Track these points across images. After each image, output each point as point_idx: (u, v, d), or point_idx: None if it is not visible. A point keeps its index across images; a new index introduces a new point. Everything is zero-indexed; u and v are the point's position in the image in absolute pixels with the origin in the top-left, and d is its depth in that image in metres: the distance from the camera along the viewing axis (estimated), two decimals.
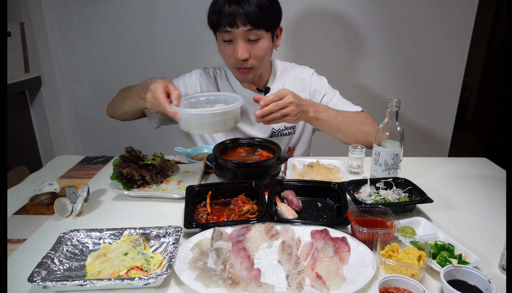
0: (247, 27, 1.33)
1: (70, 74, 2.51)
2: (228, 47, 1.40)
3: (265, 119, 1.27)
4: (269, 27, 1.39)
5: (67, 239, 0.94)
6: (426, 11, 2.31)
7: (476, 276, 0.79)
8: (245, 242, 0.95)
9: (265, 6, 1.33)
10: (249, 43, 1.38)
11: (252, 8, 1.30)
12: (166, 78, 1.27)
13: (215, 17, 1.36)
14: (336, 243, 0.93)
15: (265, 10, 1.33)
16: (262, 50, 1.41)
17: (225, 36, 1.37)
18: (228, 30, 1.34)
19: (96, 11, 2.34)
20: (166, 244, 0.95)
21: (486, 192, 1.31)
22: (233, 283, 0.81)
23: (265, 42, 1.40)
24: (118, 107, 1.53)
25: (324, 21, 2.34)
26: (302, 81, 1.64)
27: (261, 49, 1.40)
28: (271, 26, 1.40)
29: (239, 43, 1.36)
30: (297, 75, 1.65)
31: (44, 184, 1.27)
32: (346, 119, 1.48)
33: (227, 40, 1.38)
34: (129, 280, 0.80)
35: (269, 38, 1.42)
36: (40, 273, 0.82)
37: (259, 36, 1.38)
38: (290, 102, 1.28)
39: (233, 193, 1.19)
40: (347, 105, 1.63)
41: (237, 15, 1.31)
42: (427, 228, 1.04)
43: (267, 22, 1.36)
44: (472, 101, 4.42)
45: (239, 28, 1.33)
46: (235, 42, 1.37)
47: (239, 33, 1.34)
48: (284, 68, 1.66)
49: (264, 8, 1.33)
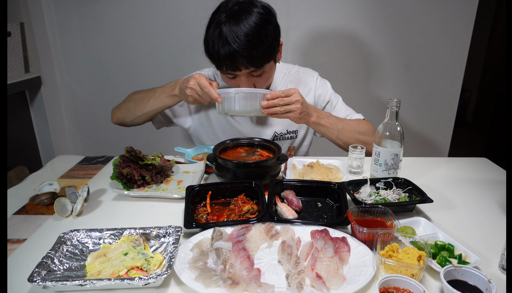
0: (250, 69, 1.31)
1: (70, 74, 2.51)
2: (231, 81, 1.40)
3: (269, 112, 1.32)
4: (271, 58, 1.36)
5: (67, 239, 0.94)
6: (426, 11, 2.32)
7: (476, 276, 0.79)
8: (245, 242, 0.95)
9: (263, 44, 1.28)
10: (253, 75, 1.37)
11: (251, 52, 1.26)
12: None
13: (215, 61, 1.34)
14: (336, 243, 0.93)
15: (264, 47, 1.29)
16: (266, 79, 1.41)
17: (229, 75, 1.37)
18: (231, 73, 1.34)
19: (96, 11, 2.34)
20: (166, 244, 0.95)
21: (486, 192, 1.31)
22: (233, 283, 0.81)
23: (269, 70, 1.40)
24: (135, 110, 1.54)
25: (324, 22, 2.34)
26: (307, 86, 1.63)
27: (264, 79, 1.41)
28: (272, 55, 1.36)
29: (243, 79, 1.36)
30: (301, 79, 1.63)
31: (44, 184, 1.27)
32: (346, 127, 1.50)
33: (231, 77, 1.38)
34: (129, 280, 0.79)
35: (272, 63, 1.40)
36: (40, 273, 0.82)
37: (262, 71, 1.37)
38: (296, 101, 1.32)
39: (233, 193, 1.19)
40: (350, 112, 1.64)
41: (237, 59, 1.27)
42: (427, 228, 1.04)
43: (268, 58, 1.34)
44: (472, 101, 4.42)
45: (242, 71, 1.32)
46: (238, 77, 1.37)
47: (241, 74, 1.34)
48: (287, 71, 1.64)
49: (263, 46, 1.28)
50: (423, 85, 2.50)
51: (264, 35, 1.28)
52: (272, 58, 1.38)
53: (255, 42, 1.26)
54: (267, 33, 1.29)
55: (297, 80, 1.63)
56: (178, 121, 1.67)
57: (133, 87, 2.48)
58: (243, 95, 1.30)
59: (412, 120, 2.57)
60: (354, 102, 2.52)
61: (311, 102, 1.62)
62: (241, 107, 1.32)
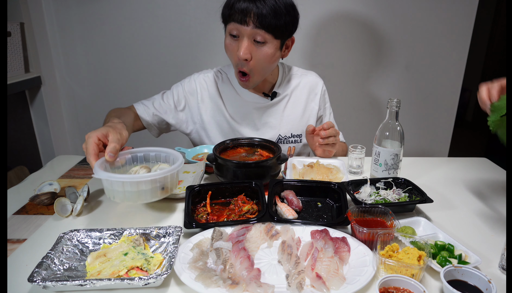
0: (256, 27, 1.30)
1: (70, 74, 2.51)
2: (233, 43, 1.37)
3: (325, 142, 1.43)
4: (278, 34, 1.35)
5: (67, 239, 0.94)
6: (426, 10, 2.32)
7: (476, 276, 0.79)
8: (245, 242, 0.95)
9: (279, 12, 1.29)
10: (254, 44, 1.35)
11: (266, 10, 1.27)
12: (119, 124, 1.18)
13: (227, 11, 1.34)
14: (336, 243, 0.93)
15: (279, 16, 1.30)
16: (266, 56, 1.37)
17: (232, 30, 1.34)
18: (236, 26, 1.32)
19: (96, 11, 2.34)
20: (166, 244, 0.95)
21: (486, 192, 1.31)
22: (233, 283, 0.81)
23: (271, 48, 1.36)
24: None
25: (324, 21, 2.34)
26: (313, 90, 1.64)
27: (264, 54, 1.36)
28: (281, 33, 1.36)
29: (244, 42, 1.33)
30: (308, 82, 1.64)
31: (44, 184, 1.27)
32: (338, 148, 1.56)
33: (234, 34, 1.35)
34: (129, 280, 0.79)
35: (276, 46, 1.38)
36: (40, 273, 0.81)
37: (266, 40, 1.34)
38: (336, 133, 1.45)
39: (233, 193, 1.19)
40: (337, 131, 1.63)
41: (248, 13, 1.28)
42: (427, 228, 1.04)
43: (277, 27, 1.32)
44: (472, 101, 4.42)
45: (248, 26, 1.30)
46: (240, 39, 1.34)
47: (246, 32, 1.31)
48: (292, 72, 1.63)
49: (278, 13, 1.29)
50: (423, 85, 2.50)
51: (284, 8, 1.31)
52: (280, 34, 1.35)
53: (274, 6, 1.28)
54: (287, 9, 1.32)
55: (304, 83, 1.63)
56: (180, 127, 1.65)
57: (133, 87, 2.51)
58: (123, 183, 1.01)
59: (412, 120, 2.57)
60: (354, 102, 2.54)
61: (315, 107, 1.65)
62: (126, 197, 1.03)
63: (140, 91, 2.48)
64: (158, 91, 1.64)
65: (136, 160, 1.20)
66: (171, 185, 1.10)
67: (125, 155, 1.16)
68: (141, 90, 2.48)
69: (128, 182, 1.01)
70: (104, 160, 1.07)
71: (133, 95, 2.50)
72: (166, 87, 2.42)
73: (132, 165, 1.19)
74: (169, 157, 1.20)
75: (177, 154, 1.17)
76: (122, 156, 1.15)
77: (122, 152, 1.16)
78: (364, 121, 2.56)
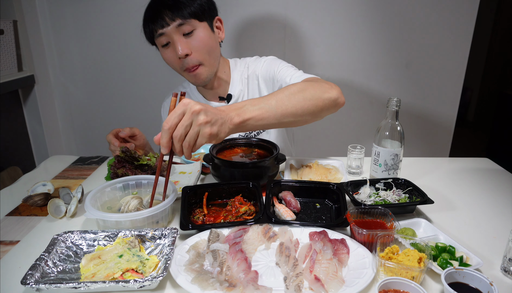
0: (177, 21, 1.32)
1: (64, 73, 2.49)
2: (168, 52, 1.40)
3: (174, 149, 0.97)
4: (199, 16, 1.36)
5: (61, 241, 0.93)
6: (427, 8, 2.30)
7: (477, 278, 0.78)
8: (242, 244, 0.94)
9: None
10: (185, 38, 1.36)
11: (173, 1, 1.31)
12: None
13: (147, 28, 1.38)
14: (335, 245, 0.92)
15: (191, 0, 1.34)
16: (201, 41, 1.38)
17: (162, 40, 1.37)
18: (161, 32, 1.34)
19: (90, 9, 2.32)
20: (161, 245, 0.94)
21: (487, 192, 1.30)
22: (230, 285, 0.80)
23: (202, 32, 1.38)
24: None
25: (323, 19, 2.33)
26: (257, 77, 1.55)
27: (199, 40, 1.38)
28: (202, 14, 1.37)
29: (176, 40, 1.35)
30: (252, 72, 1.57)
31: (38, 184, 1.26)
32: (281, 96, 1.14)
33: (165, 44, 1.38)
34: (124, 283, 0.78)
35: (206, 28, 1.40)
36: (33, 275, 0.81)
37: (193, 27, 1.36)
38: (193, 112, 0.94)
39: (230, 194, 1.18)
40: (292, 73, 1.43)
41: (162, 13, 1.32)
42: (427, 229, 1.02)
43: (194, 11, 1.34)
44: (474, 100, 4.40)
45: (170, 25, 1.33)
46: (172, 42, 1.37)
47: (172, 31, 1.34)
48: (245, 67, 1.59)
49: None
50: (423, 84, 2.49)
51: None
52: (201, 15, 1.37)
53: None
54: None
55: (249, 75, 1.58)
56: None
57: (128, 86, 2.49)
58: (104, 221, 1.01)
59: (412, 119, 2.56)
60: (354, 102, 2.52)
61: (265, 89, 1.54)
62: None
63: (135, 90, 2.47)
64: (152, 90, 1.65)
65: (128, 187, 1.18)
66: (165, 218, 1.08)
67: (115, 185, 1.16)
68: (135, 89, 2.47)
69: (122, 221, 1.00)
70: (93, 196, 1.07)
71: (127, 94, 2.49)
72: (160, 86, 2.41)
73: (124, 193, 1.17)
74: (162, 185, 1.14)
75: (170, 183, 1.13)
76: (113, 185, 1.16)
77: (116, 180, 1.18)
78: (364, 121, 2.55)
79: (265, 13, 2.25)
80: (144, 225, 1.02)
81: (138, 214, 0.99)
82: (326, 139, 2.59)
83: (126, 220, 0.99)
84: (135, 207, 1.06)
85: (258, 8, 2.25)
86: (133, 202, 1.07)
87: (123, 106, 2.51)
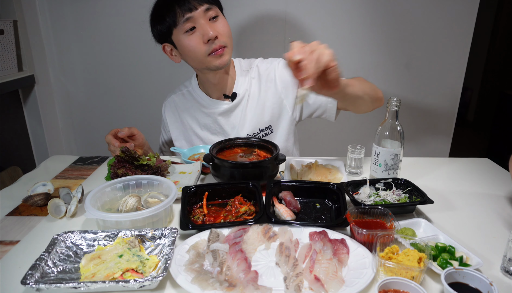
0: (204, 6, 1.36)
1: (64, 73, 2.49)
2: (193, 37, 1.38)
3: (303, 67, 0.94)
4: (219, 5, 1.46)
5: (61, 241, 0.93)
6: (427, 8, 2.30)
7: (477, 278, 0.78)
8: (242, 243, 0.94)
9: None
10: (212, 22, 1.40)
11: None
12: None
13: (169, 15, 1.37)
14: (335, 245, 0.92)
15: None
16: (225, 26, 1.43)
17: (186, 26, 1.37)
18: (189, 16, 1.35)
19: (90, 9, 2.32)
20: (161, 245, 0.94)
21: (487, 193, 1.30)
22: (230, 285, 0.80)
23: (223, 18, 1.44)
24: None
25: (323, 19, 2.32)
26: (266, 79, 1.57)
27: (223, 25, 1.42)
28: (220, 4, 1.47)
29: (204, 24, 1.37)
30: (261, 73, 1.58)
31: (38, 184, 1.25)
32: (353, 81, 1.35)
33: (189, 29, 1.38)
34: (124, 283, 0.78)
35: (223, 15, 1.46)
36: (33, 275, 0.80)
37: (217, 13, 1.41)
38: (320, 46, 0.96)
39: (230, 194, 1.18)
40: None
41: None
42: (427, 229, 1.02)
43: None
44: (474, 100, 4.40)
45: (198, 9, 1.35)
46: (198, 26, 1.37)
47: (200, 15, 1.36)
48: (251, 67, 1.60)
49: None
50: (423, 84, 2.48)
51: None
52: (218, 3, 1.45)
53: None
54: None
55: (262, 77, 1.58)
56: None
57: (128, 86, 2.49)
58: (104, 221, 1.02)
59: (412, 119, 2.55)
60: None
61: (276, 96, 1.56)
62: None
63: (135, 90, 2.47)
64: (152, 90, 1.66)
65: (127, 187, 1.18)
66: (165, 217, 1.08)
67: (115, 184, 1.16)
68: (136, 89, 2.47)
69: (122, 221, 1.00)
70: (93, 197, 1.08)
71: (128, 94, 2.49)
72: (161, 86, 2.40)
73: (124, 193, 1.17)
74: (161, 185, 1.17)
75: (170, 183, 1.15)
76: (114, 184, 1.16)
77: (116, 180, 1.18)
78: (364, 120, 2.55)
79: (265, 13, 2.25)
80: (144, 225, 1.02)
81: (138, 214, 0.99)
82: (326, 139, 2.58)
83: (126, 220, 0.99)
84: (133, 205, 1.06)
85: (258, 8, 2.25)
86: (130, 200, 1.07)
87: (123, 106, 2.51)
